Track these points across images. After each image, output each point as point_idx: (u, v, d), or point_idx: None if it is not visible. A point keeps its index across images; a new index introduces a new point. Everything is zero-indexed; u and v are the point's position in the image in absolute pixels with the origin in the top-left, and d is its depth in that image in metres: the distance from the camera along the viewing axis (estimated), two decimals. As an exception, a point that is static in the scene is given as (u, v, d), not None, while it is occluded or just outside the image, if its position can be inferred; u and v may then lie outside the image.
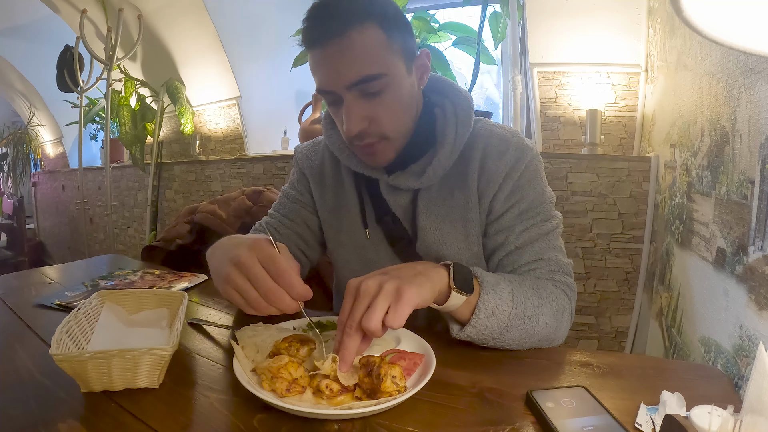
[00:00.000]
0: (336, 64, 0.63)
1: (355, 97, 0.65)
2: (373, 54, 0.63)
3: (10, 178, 4.84)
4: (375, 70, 0.63)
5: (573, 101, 1.88)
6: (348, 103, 0.65)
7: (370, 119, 0.66)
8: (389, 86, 0.65)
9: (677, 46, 1.37)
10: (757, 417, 0.36)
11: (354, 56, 0.62)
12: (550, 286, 0.67)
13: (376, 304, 0.48)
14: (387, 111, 0.67)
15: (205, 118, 2.96)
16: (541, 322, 0.62)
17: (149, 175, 3.10)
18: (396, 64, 0.66)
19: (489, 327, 0.59)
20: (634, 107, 1.82)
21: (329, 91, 0.66)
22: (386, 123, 0.67)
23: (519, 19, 1.96)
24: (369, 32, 0.62)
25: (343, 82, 0.64)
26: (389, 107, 0.67)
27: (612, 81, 1.83)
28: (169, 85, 2.83)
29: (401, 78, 0.67)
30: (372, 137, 0.68)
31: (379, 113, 0.66)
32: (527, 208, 0.71)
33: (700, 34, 0.42)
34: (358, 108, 0.65)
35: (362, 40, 0.62)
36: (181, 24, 2.66)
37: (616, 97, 1.83)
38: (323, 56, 0.64)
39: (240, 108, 2.74)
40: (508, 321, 0.60)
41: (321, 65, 0.65)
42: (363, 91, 0.64)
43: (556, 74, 1.89)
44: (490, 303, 0.59)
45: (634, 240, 1.70)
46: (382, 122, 0.67)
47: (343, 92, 0.65)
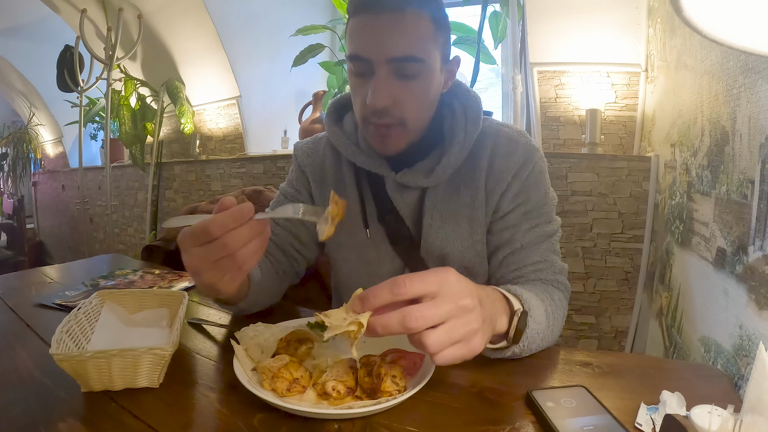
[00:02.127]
0: (384, 34, 0.63)
1: (389, 73, 0.65)
2: (421, 38, 0.64)
3: (10, 177, 4.84)
4: (419, 53, 0.64)
5: (573, 101, 1.88)
6: (380, 77, 0.65)
7: (395, 100, 0.66)
8: (423, 74, 0.66)
9: (677, 46, 1.37)
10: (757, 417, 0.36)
11: (404, 33, 0.63)
12: (558, 294, 0.68)
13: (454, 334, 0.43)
14: (414, 97, 0.67)
15: (205, 118, 2.96)
16: (556, 333, 0.65)
17: (149, 175, 3.10)
18: (435, 58, 0.67)
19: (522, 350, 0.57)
20: (634, 107, 1.82)
21: (364, 59, 0.65)
22: (410, 108, 0.67)
23: (519, 18, 1.96)
24: (423, 18, 0.64)
25: (385, 54, 0.64)
26: (417, 94, 0.67)
27: (612, 81, 1.83)
28: (169, 85, 2.83)
29: (435, 72, 0.68)
30: (390, 118, 0.67)
31: (406, 96, 0.66)
32: (532, 207, 0.72)
33: (699, 33, 0.42)
34: (388, 84, 0.65)
35: (416, 22, 0.63)
36: (181, 24, 2.66)
37: (616, 96, 1.83)
38: (372, 23, 0.64)
39: (240, 108, 2.73)
40: (540, 343, 0.59)
41: (366, 31, 0.65)
42: (399, 70, 0.65)
43: (556, 74, 1.89)
44: (532, 332, 0.56)
45: (634, 240, 1.70)
46: (405, 106, 0.67)
47: (380, 64, 0.64)
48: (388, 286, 0.43)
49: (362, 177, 0.80)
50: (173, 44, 2.81)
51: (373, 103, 0.65)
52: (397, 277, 0.43)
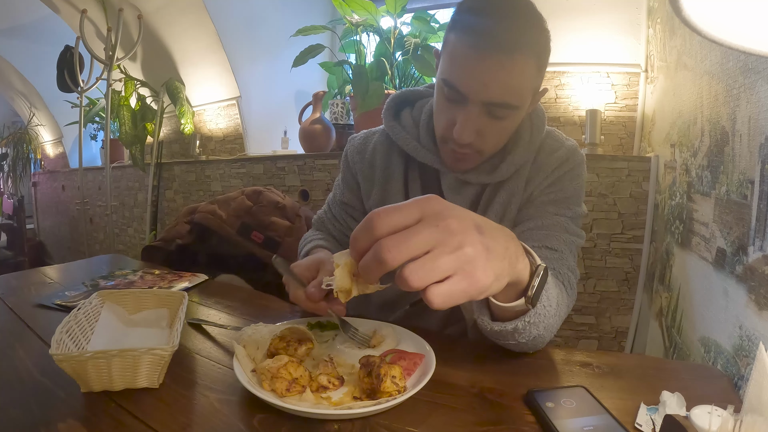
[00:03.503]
0: (488, 77, 0.62)
1: (482, 112, 0.65)
2: (522, 86, 0.64)
3: (10, 178, 4.84)
4: (515, 101, 0.64)
5: (573, 101, 1.88)
6: (472, 114, 0.65)
7: (480, 135, 0.67)
8: (514, 116, 0.67)
9: (677, 46, 1.37)
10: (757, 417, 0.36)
11: (507, 80, 0.62)
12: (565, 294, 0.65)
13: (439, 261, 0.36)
14: (498, 134, 0.69)
15: (205, 118, 2.96)
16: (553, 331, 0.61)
17: (149, 175, 3.10)
18: (528, 99, 0.67)
19: (527, 331, 0.53)
20: (634, 107, 1.82)
21: (461, 93, 0.65)
22: (491, 143, 0.69)
23: (519, 19, 1.96)
24: (529, 64, 0.62)
25: (483, 97, 0.63)
26: (502, 132, 0.69)
27: (612, 81, 1.83)
28: (169, 85, 2.83)
29: (524, 110, 0.69)
30: (471, 149, 0.69)
31: (491, 133, 0.68)
32: (562, 198, 0.74)
33: (699, 34, 0.42)
34: (478, 122, 0.66)
35: (521, 68, 0.62)
36: (181, 24, 2.66)
37: (616, 97, 1.83)
38: (479, 61, 0.62)
39: (240, 108, 2.73)
40: (543, 330, 0.55)
41: (471, 68, 0.63)
42: (491, 111, 0.65)
43: (556, 74, 1.89)
44: (543, 308, 0.52)
45: (634, 240, 1.70)
46: (487, 141, 0.69)
47: (475, 102, 0.64)
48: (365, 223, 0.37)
49: (412, 172, 0.81)
50: (173, 44, 2.81)
51: (460, 138, 0.66)
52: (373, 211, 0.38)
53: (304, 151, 2.32)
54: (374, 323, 0.67)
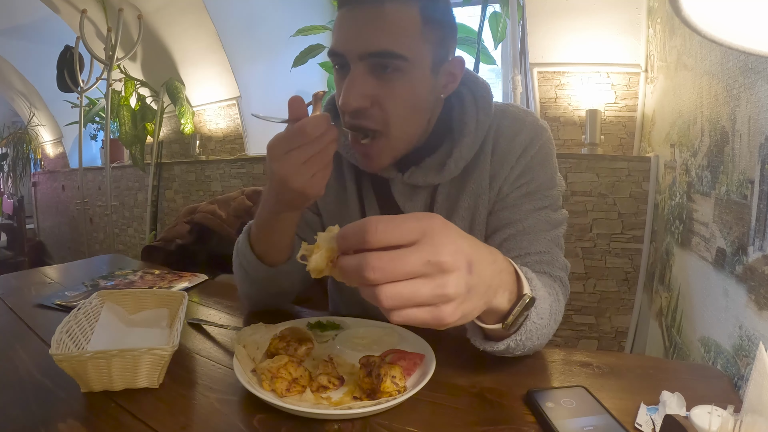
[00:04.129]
0: (359, 28, 0.58)
1: (364, 70, 0.59)
2: (404, 33, 0.58)
3: (10, 178, 4.84)
4: (399, 49, 0.58)
5: (573, 101, 1.88)
6: (354, 74, 0.59)
7: (373, 100, 0.60)
8: (405, 72, 0.59)
9: (677, 46, 1.37)
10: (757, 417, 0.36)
11: (381, 27, 0.57)
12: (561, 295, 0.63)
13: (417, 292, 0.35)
14: (394, 97, 0.60)
15: (205, 118, 2.96)
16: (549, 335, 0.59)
17: (149, 175, 3.10)
18: (423, 54, 0.60)
19: (518, 345, 0.52)
20: (634, 107, 1.82)
21: (339, 53, 0.60)
22: (390, 112, 0.60)
23: (519, 19, 1.96)
24: (407, 10, 0.58)
25: (359, 48, 0.58)
26: (398, 94, 0.60)
27: (612, 81, 1.83)
28: (169, 85, 2.83)
29: (422, 71, 0.61)
30: (370, 122, 0.61)
31: (384, 98, 0.60)
32: (536, 189, 0.67)
33: (699, 34, 0.42)
34: (363, 82, 0.59)
35: (398, 16, 0.57)
36: (181, 24, 2.66)
37: (616, 97, 1.83)
38: (349, 16, 0.59)
39: (240, 108, 2.74)
40: (535, 342, 0.54)
41: (344, 25, 0.60)
42: (375, 66, 0.58)
43: (556, 74, 1.89)
44: (534, 325, 0.51)
45: (634, 240, 1.70)
46: (386, 108, 0.60)
47: (354, 59, 0.59)
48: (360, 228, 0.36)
49: (365, 181, 0.75)
50: (173, 44, 2.81)
51: (346, 104, 0.59)
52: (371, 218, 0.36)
53: (304, 151, 2.32)
54: (375, 323, 0.67)
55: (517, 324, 0.48)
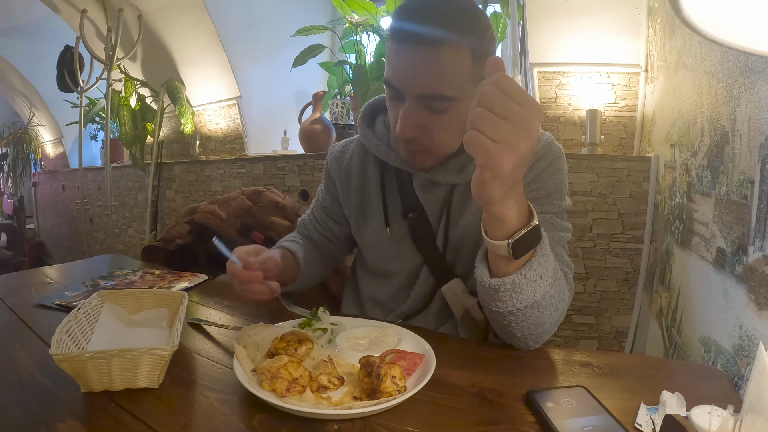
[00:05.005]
0: (417, 69, 0.63)
1: (419, 106, 0.65)
2: (455, 76, 0.63)
3: (10, 178, 4.84)
4: (450, 92, 0.64)
5: (573, 101, 1.88)
6: (409, 108, 0.66)
7: (423, 129, 0.67)
8: (455, 109, 0.66)
9: (677, 46, 1.37)
10: (757, 417, 0.36)
11: (437, 71, 0.62)
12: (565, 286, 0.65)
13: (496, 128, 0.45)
14: (442, 129, 0.68)
15: (205, 118, 2.96)
16: (555, 315, 0.61)
17: (149, 175, 3.10)
18: (470, 92, 0.65)
19: (523, 293, 0.55)
20: (634, 107, 1.82)
21: (396, 89, 0.66)
22: (437, 139, 0.68)
23: (519, 19, 1.96)
24: (461, 55, 0.63)
25: (415, 90, 0.64)
26: (446, 127, 0.67)
27: (612, 81, 1.83)
28: (169, 85, 2.83)
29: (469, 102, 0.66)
30: (419, 146, 0.69)
31: (434, 128, 0.67)
32: (544, 195, 0.72)
33: (699, 34, 0.42)
34: (417, 116, 0.66)
35: (452, 60, 0.62)
36: (181, 24, 2.66)
37: (616, 97, 1.83)
38: (408, 55, 0.64)
39: (240, 108, 2.73)
40: (540, 297, 0.56)
41: (400, 62, 0.65)
42: (428, 104, 0.65)
43: (556, 74, 1.89)
44: (539, 269, 0.55)
45: (634, 240, 1.70)
46: (433, 137, 0.68)
47: (410, 96, 0.65)
48: None
49: (388, 176, 0.82)
50: (173, 44, 2.81)
51: (401, 134, 0.67)
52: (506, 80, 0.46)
53: (304, 151, 2.32)
54: (375, 323, 0.67)
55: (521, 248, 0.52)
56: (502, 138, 0.45)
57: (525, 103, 0.45)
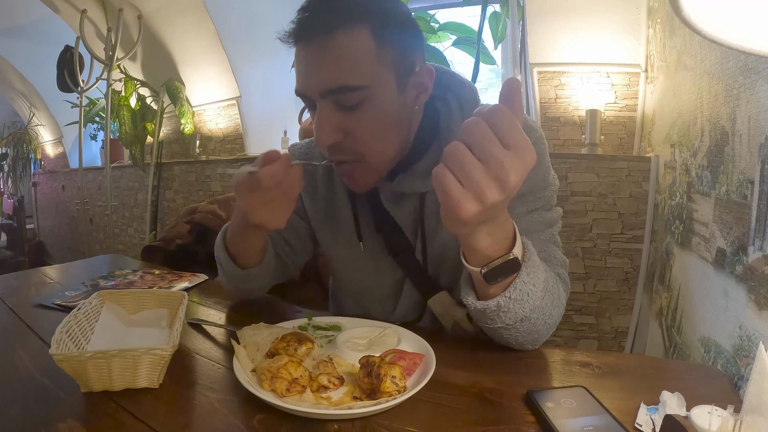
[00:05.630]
0: (315, 65, 0.57)
1: (330, 107, 0.59)
2: (356, 62, 0.56)
3: (10, 178, 4.84)
4: (355, 81, 0.56)
5: (573, 101, 1.88)
6: (321, 112, 0.59)
7: (345, 132, 0.60)
8: (370, 101, 0.58)
9: (677, 46, 1.37)
10: (757, 417, 0.36)
11: (334, 60, 0.56)
12: (561, 288, 0.63)
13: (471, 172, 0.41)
14: (365, 128, 0.60)
15: (205, 118, 2.96)
16: (549, 321, 0.59)
17: (149, 175, 3.10)
18: (383, 77, 0.58)
19: (510, 311, 0.53)
20: (634, 107, 1.82)
21: (302, 94, 0.60)
22: (363, 141, 0.60)
23: (519, 19, 1.96)
24: (358, 36, 0.56)
25: (317, 88, 0.58)
26: (368, 124, 0.60)
27: (612, 81, 1.83)
28: (169, 85, 2.83)
29: (387, 93, 0.59)
30: (347, 154, 0.62)
31: (355, 129, 0.59)
32: (527, 191, 0.65)
33: (699, 34, 0.42)
34: (331, 118, 0.59)
35: (348, 45, 0.56)
36: (181, 24, 2.66)
37: (616, 97, 1.83)
38: (304, 53, 0.58)
39: (240, 108, 2.74)
40: (529, 312, 0.54)
41: (299, 64, 0.59)
42: (338, 101, 0.58)
43: (556, 74, 1.89)
44: (524, 287, 0.52)
45: (634, 240, 1.70)
46: (358, 139, 0.60)
47: (317, 98, 0.59)
48: None
49: None
50: (173, 44, 2.81)
51: (319, 141, 0.60)
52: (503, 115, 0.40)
53: (304, 151, 2.32)
54: (374, 323, 0.67)
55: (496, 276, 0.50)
56: (469, 183, 0.41)
57: (513, 146, 0.40)
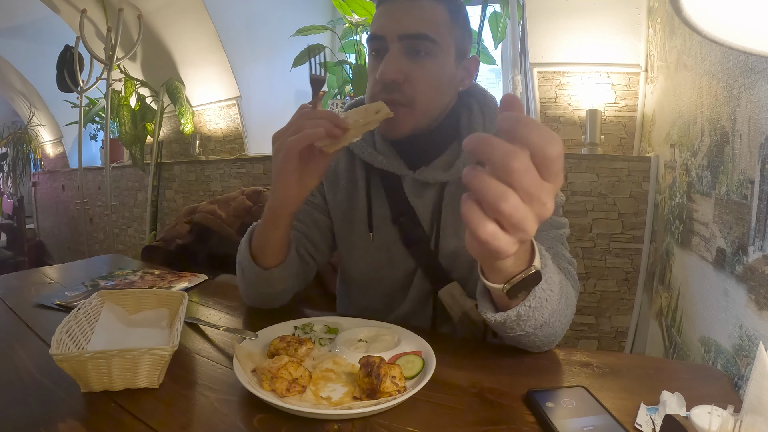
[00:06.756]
0: (398, 14, 0.68)
1: (401, 50, 0.67)
2: (434, 22, 0.68)
3: (10, 178, 4.84)
4: (431, 33, 0.67)
5: (573, 101, 1.88)
6: (392, 52, 0.67)
7: (406, 76, 0.68)
8: (436, 56, 0.68)
9: (677, 46, 1.37)
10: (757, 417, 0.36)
11: (418, 14, 0.67)
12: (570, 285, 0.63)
13: None
14: (424, 76, 0.68)
15: (205, 118, 2.96)
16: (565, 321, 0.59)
17: (149, 175, 3.10)
18: (449, 43, 0.69)
19: (530, 319, 0.52)
20: (634, 107, 1.82)
21: (380, 37, 0.69)
22: (419, 87, 0.68)
23: (519, 19, 1.96)
24: (438, 7, 0.68)
25: (397, 30, 0.67)
26: (428, 74, 0.68)
27: (612, 81, 1.83)
28: (169, 85, 2.83)
29: (449, 59, 0.70)
30: (400, 95, 0.68)
31: (416, 74, 0.68)
32: None
33: (699, 34, 0.42)
34: (400, 59, 0.67)
35: (429, 7, 0.68)
36: (181, 24, 2.66)
37: (616, 97, 1.83)
38: (388, 7, 0.69)
39: (240, 108, 2.73)
40: (548, 317, 0.53)
41: (383, 15, 0.70)
42: (411, 47, 0.67)
43: (556, 74, 1.89)
44: (543, 294, 0.51)
45: (634, 240, 1.70)
46: (415, 84, 0.68)
47: (392, 40, 0.67)
48: None
49: (375, 179, 0.79)
50: (173, 44, 2.81)
51: (384, 75, 0.67)
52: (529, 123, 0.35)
53: (304, 151, 2.32)
54: (374, 323, 0.67)
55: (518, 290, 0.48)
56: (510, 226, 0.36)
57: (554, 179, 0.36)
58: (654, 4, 1.66)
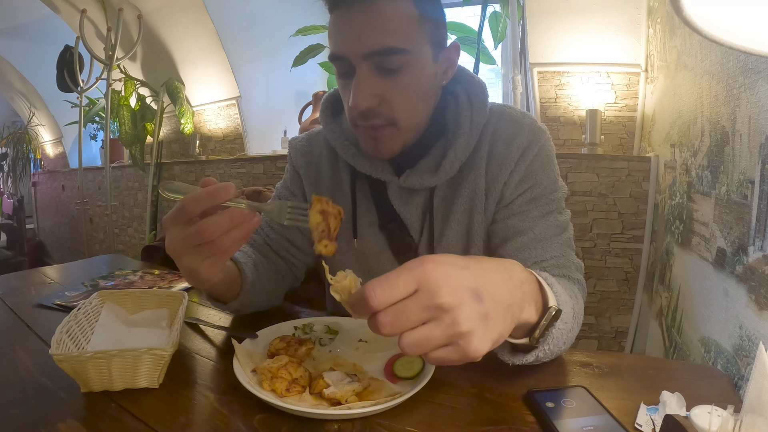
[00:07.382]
0: (357, 28, 0.58)
1: (370, 70, 0.59)
2: (400, 27, 0.58)
3: (10, 178, 4.84)
4: (399, 43, 0.58)
5: (573, 101, 1.88)
6: (360, 75, 0.59)
7: (381, 98, 0.60)
8: (410, 66, 0.59)
9: (677, 46, 1.37)
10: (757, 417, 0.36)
11: (379, 23, 0.57)
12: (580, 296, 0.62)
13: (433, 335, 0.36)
14: (402, 93, 0.60)
15: (205, 118, 2.96)
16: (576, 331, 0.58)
17: (149, 175, 3.10)
18: (423, 45, 0.60)
19: (548, 354, 0.50)
20: (634, 107, 1.82)
21: (342, 57, 0.60)
22: (398, 106, 0.61)
23: (519, 19, 1.96)
24: (402, 6, 0.58)
25: (360, 50, 0.58)
26: (405, 89, 0.60)
27: (612, 81, 1.83)
28: (169, 85, 2.83)
29: (425, 62, 0.61)
30: (380, 119, 0.61)
31: (392, 93, 0.60)
32: (541, 193, 0.66)
33: (699, 34, 0.42)
34: (370, 82, 0.59)
35: (392, 8, 0.57)
36: (181, 24, 2.66)
37: (616, 97, 1.83)
38: (345, 18, 0.59)
39: (240, 108, 2.73)
40: (563, 345, 0.53)
41: (340, 28, 0.60)
42: (380, 64, 0.58)
43: (556, 74, 1.89)
44: (555, 333, 0.49)
45: (634, 240, 1.70)
46: (394, 104, 0.60)
47: (358, 61, 0.58)
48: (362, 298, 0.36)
49: (362, 181, 0.74)
50: (173, 44, 2.81)
51: (356, 105, 0.59)
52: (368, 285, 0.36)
53: (304, 151, 2.32)
54: None
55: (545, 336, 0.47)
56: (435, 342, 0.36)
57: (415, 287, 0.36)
58: (654, 4, 1.66)
